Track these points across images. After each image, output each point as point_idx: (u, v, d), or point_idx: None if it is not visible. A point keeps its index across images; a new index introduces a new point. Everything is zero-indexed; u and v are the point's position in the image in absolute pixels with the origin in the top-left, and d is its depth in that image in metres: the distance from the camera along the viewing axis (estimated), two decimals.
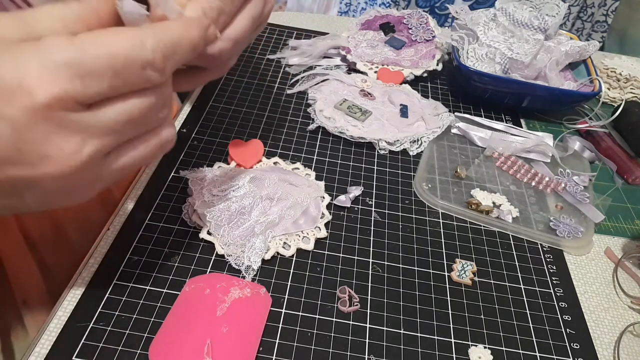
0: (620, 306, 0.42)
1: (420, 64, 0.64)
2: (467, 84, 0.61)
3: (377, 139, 0.53)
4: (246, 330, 0.35)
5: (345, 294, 0.39)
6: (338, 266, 0.41)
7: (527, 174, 0.52)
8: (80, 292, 0.36)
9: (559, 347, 0.38)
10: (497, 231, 0.46)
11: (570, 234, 0.46)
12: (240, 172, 0.45)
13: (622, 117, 0.59)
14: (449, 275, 0.42)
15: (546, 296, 0.41)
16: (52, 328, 0.34)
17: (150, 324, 0.35)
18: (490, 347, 0.37)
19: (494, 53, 0.61)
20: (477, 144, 0.56)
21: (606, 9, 1.47)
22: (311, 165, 0.50)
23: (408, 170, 0.51)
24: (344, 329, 0.37)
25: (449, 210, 0.47)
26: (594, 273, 0.44)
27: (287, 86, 0.60)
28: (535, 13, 0.62)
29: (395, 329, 0.37)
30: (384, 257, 0.42)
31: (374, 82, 0.61)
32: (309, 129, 0.54)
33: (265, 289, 0.38)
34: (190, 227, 0.42)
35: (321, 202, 0.44)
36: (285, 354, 0.34)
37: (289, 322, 0.36)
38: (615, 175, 0.55)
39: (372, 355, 0.35)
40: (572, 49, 0.62)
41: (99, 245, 0.39)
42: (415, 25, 0.67)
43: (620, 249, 0.47)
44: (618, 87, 0.68)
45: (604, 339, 0.39)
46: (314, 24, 0.75)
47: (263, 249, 0.40)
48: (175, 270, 0.38)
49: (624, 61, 0.72)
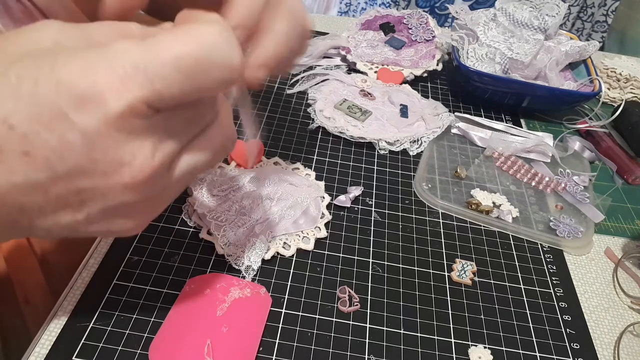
0: (620, 306, 0.42)
1: (420, 64, 0.64)
2: (467, 84, 0.61)
3: (377, 139, 0.53)
4: (246, 330, 0.35)
5: (345, 294, 0.39)
6: (338, 266, 0.41)
7: (527, 174, 0.52)
8: (80, 292, 0.36)
9: (559, 347, 0.38)
10: (497, 231, 0.46)
11: (570, 234, 0.46)
12: (240, 172, 0.45)
13: (622, 117, 0.59)
14: (449, 275, 0.42)
15: (546, 296, 0.41)
16: (52, 328, 0.34)
17: (150, 324, 0.35)
18: (490, 347, 0.37)
19: (494, 53, 0.61)
20: (477, 144, 0.56)
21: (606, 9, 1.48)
22: (311, 165, 0.50)
23: (408, 170, 0.51)
24: (344, 329, 0.37)
25: (449, 210, 0.47)
26: (594, 273, 0.44)
27: (287, 86, 0.60)
28: (535, 13, 0.62)
29: (395, 329, 0.37)
30: (384, 257, 0.42)
31: (374, 82, 0.61)
32: (309, 129, 0.54)
33: (265, 289, 0.38)
34: (190, 227, 0.42)
35: (321, 202, 0.44)
36: (285, 354, 0.34)
37: (289, 322, 0.36)
38: (615, 175, 0.55)
39: (372, 355, 0.35)
40: (572, 49, 0.62)
41: (99, 245, 0.39)
42: (415, 25, 0.67)
43: (620, 249, 0.47)
44: (618, 87, 0.68)
45: (604, 339, 0.39)
46: (313, 24, 0.75)
47: (263, 249, 0.40)
48: (175, 270, 0.38)
49: (624, 61, 0.72)
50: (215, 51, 0.21)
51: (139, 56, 0.20)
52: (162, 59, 0.21)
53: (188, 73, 0.21)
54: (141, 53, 0.20)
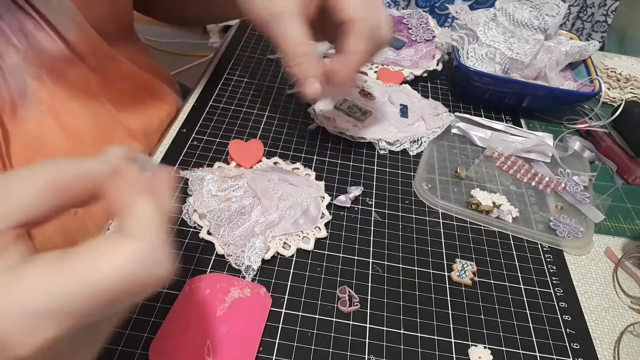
0: (620, 306, 0.42)
1: (420, 64, 0.64)
2: (467, 84, 0.61)
3: (377, 139, 0.53)
4: (246, 330, 0.35)
5: (345, 294, 0.39)
6: (338, 266, 0.41)
7: (527, 174, 0.52)
8: None
9: (559, 347, 0.38)
10: (497, 231, 0.46)
11: (570, 234, 0.46)
12: (240, 172, 0.45)
13: (622, 117, 0.59)
14: (449, 275, 0.42)
15: (546, 296, 0.41)
16: None
17: (150, 324, 0.35)
18: (490, 347, 0.37)
19: (494, 53, 0.61)
20: (477, 144, 0.56)
21: (606, 9, 1.47)
22: (311, 165, 0.50)
23: (408, 170, 0.51)
24: (344, 329, 0.37)
25: (449, 210, 0.47)
26: (594, 273, 0.44)
27: (287, 86, 0.60)
28: (535, 13, 0.62)
29: (395, 329, 0.37)
30: (384, 257, 0.42)
31: (374, 82, 0.61)
32: (309, 129, 0.54)
33: (265, 289, 0.38)
34: (190, 227, 0.42)
35: (321, 202, 0.44)
36: (285, 354, 0.34)
37: (289, 322, 0.36)
38: (615, 175, 0.55)
39: (372, 355, 0.35)
40: (572, 49, 0.62)
41: None
42: (415, 25, 0.67)
43: (620, 249, 0.47)
44: (618, 87, 0.68)
45: (604, 339, 0.39)
46: None
47: (263, 249, 0.40)
48: (175, 271, 0.38)
49: (624, 61, 0.72)
50: (139, 273, 0.20)
51: (51, 294, 0.19)
52: (77, 293, 0.19)
53: (109, 299, 0.20)
54: (53, 288, 0.19)
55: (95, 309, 0.20)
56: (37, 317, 0.19)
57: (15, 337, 0.19)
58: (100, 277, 0.20)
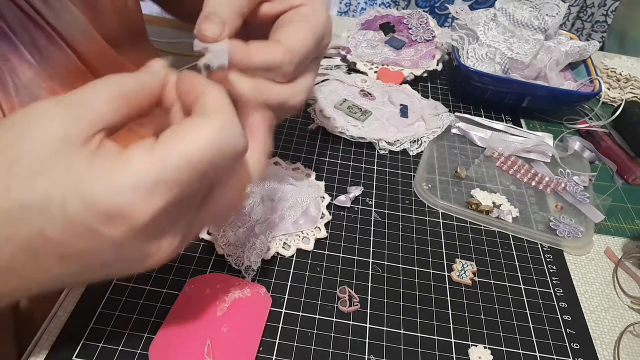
0: (620, 306, 0.42)
1: (420, 64, 0.64)
2: (467, 84, 0.61)
3: (377, 139, 0.53)
4: (246, 330, 0.35)
5: (345, 294, 0.39)
6: (338, 266, 0.41)
7: (527, 174, 0.52)
8: (80, 292, 0.36)
9: (559, 347, 0.38)
10: (497, 231, 0.46)
11: (570, 234, 0.46)
12: None
13: (622, 117, 0.59)
14: (449, 275, 0.42)
15: (546, 296, 0.41)
16: (52, 328, 0.34)
17: (150, 324, 0.35)
18: (490, 347, 0.37)
19: (494, 53, 0.61)
20: (477, 144, 0.56)
21: (606, 9, 1.48)
22: (311, 165, 0.50)
23: (408, 170, 0.51)
24: (344, 329, 0.37)
25: (449, 210, 0.47)
26: (594, 273, 0.44)
27: None
28: (535, 13, 0.62)
29: (395, 329, 0.37)
30: (384, 257, 0.42)
31: (374, 82, 0.61)
32: (309, 129, 0.54)
33: (265, 289, 0.38)
34: None
35: (321, 202, 0.44)
36: (285, 354, 0.34)
37: (289, 322, 0.36)
38: (615, 175, 0.55)
39: (372, 355, 0.35)
40: (572, 49, 0.62)
41: None
42: (415, 25, 0.67)
43: (620, 249, 0.47)
44: (618, 87, 0.68)
45: (604, 339, 0.39)
46: None
47: (263, 249, 0.40)
48: (175, 270, 0.38)
49: (624, 61, 0.72)
50: (223, 144, 0.23)
51: (155, 169, 0.22)
52: (177, 165, 0.22)
53: (202, 169, 0.23)
54: (157, 164, 0.22)
55: (193, 180, 0.23)
56: (148, 189, 0.22)
57: (133, 207, 0.22)
58: (195, 149, 0.22)
